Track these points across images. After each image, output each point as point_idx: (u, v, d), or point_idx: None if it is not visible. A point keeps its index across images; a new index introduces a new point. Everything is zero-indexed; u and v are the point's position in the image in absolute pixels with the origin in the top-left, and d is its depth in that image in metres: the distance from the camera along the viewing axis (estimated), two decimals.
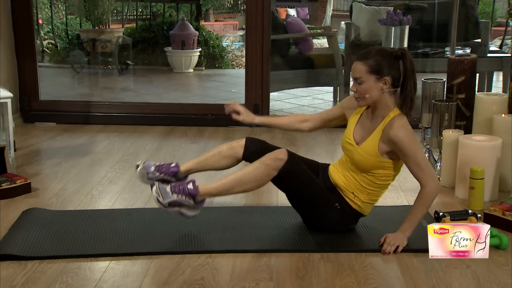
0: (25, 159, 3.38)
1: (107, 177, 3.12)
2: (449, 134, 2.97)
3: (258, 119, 2.56)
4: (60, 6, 8.23)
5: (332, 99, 5.36)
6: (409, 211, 2.30)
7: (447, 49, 4.83)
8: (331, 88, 5.45)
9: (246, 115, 2.53)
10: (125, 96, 5.75)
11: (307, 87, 5.53)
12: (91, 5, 6.59)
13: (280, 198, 2.83)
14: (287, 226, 2.47)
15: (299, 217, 2.55)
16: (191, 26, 6.77)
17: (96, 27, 6.64)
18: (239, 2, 12.69)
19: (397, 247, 2.23)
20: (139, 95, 5.75)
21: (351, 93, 2.31)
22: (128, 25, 7.42)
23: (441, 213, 2.55)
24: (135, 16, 8.19)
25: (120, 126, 4.17)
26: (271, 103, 4.34)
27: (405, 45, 4.98)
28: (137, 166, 2.48)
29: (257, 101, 4.24)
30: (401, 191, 2.96)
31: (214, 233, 2.38)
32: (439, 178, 3.08)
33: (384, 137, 2.23)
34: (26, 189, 2.81)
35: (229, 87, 6.17)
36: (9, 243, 2.24)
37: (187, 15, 8.14)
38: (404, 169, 3.29)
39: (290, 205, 2.70)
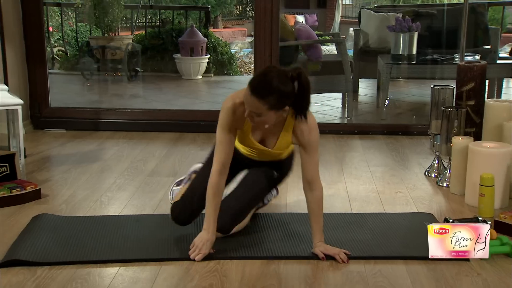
0: (35, 166, 3.40)
1: (116, 183, 3.13)
2: (458, 141, 2.95)
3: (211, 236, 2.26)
4: (70, 14, 8.30)
5: (340, 106, 5.35)
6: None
7: (456, 55, 4.81)
8: (339, 95, 5.45)
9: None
10: (134, 102, 5.78)
11: (315, 93, 5.53)
12: (101, 12, 6.64)
13: (289, 205, 2.83)
14: (296, 233, 2.47)
15: (309, 224, 2.55)
16: (200, 33, 6.80)
17: (106, 34, 6.68)
18: (248, 9, 12.73)
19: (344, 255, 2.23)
20: (148, 101, 5.77)
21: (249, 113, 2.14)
22: (137, 32, 7.47)
23: (450, 220, 2.53)
24: (144, 23, 8.23)
25: (129, 133, 4.18)
26: None
27: (414, 51, 4.97)
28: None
29: None
30: (410, 198, 2.94)
31: (222, 239, 2.38)
32: (448, 185, 3.07)
33: (295, 135, 2.26)
34: (36, 195, 2.83)
35: None
36: (19, 249, 2.25)
37: (196, 22, 8.18)
38: (412, 176, 3.29)
39: (300, 211, 2.71)
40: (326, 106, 5.45)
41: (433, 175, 3.27)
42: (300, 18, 10.88)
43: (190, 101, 5.88)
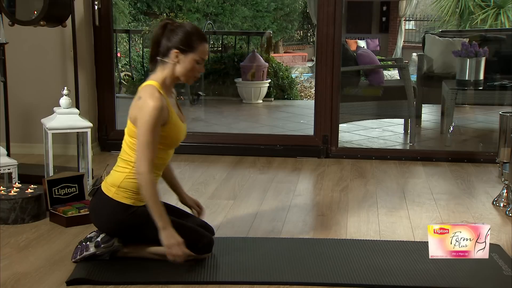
0: None
1: (178, 205, 3.18)
2: None
3: None
4: (137, 40, 8.64)
5: (402, 131, 5.26)
6: None
7: None
8: (401, 120, 5.36)
9: None
10: (196, 126, 5.90)
11: (377, 119, 5.47)
12: None
13: (349, 231, 2.79)
14: (356, 259, 2.42)
15: (370, 250, 2.50)
16: (261, 58, 6.90)
17: None
18: (308, 34, 12.80)
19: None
20: (210, 125, 5.88)
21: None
22: None
23: None
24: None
25: (190, 156, 4.26)
26: (340, 135, 4.32)
27: (481, 77, 4.84)
28: None
29: (326, 132, 4.23)
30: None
31: (282, 264, 2.37)
32: None
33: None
34: None
35: (298, 118, 6.20)
36: (85, 267, 2.32)
37: (257, 47, 8.31)
38: (479, 205, 3.17)
39: (360, 238, 2.66)
40: (388, 131, 5.37)
41: (501, 205, 3.14)
42: (362, 43, 10.84)
43: (250, 125, 5.94)
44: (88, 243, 2.34)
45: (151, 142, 2.22)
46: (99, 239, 2.33)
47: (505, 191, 3.16)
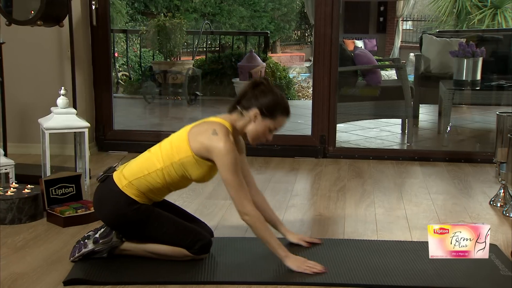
0: None
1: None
2: None
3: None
4: (134, 40, 8.64)
5: (399, 131, 5.27)
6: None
7: None
8: (399, 120, 5.37)
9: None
10: None
11: (374, 119, 5.47)
12: (164, 38, 6.87)
13: (346, 231, 2.79)
14: (354, 259, 2.42)
15: (367, 250, 2.51)
16: (259, 58, 6.90)
17: (168, 59, 6.89)
18: (306, 34, 12.82)
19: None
20: None
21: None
22: (198, 57, 7.67)
23: None
24: (205, 49, 8.44)
25: None
26: (337, 135, 4.32)
27: (478, 77, 4.85)
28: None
29: (324, 132, 4.23)
30: None
31: (279, 264, 2.36)
32: None
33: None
34: None
35: (295, 118, 6.18)
36: (82, 267, 2.32)
37: (254, 47, 8.31)
38: (476, 205, 3.16)
39: (357, 238, 2.67)
40: (385, 131, 5.37)
41: (498, 205, 3.15)
42: (359, 43, 10.86)
43: None
44: (86, 240, 2.35)
45: (240, 182, 2.28)
46: (97, 235, 2.34)
47: (502, 191, 3.16)
